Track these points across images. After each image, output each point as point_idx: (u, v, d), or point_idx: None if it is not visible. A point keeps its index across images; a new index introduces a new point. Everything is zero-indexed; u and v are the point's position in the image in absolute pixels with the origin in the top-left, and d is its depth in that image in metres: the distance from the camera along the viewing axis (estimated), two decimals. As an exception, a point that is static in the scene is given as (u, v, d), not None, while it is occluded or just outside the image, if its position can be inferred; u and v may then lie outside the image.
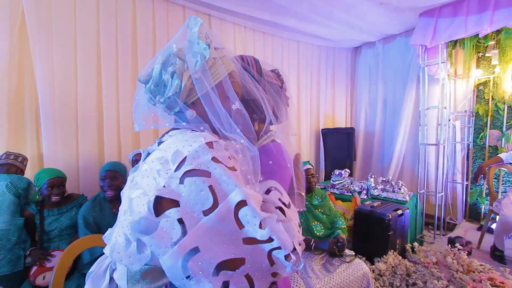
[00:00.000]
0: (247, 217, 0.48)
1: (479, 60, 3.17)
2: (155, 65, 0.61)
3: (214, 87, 0.60)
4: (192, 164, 0.49)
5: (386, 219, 2.15)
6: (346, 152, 3.68)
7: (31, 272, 1.50)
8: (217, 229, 0.47)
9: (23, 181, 1.66)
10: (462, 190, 3.28)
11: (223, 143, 0.55)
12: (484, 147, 3.20)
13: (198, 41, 0.60)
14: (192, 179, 0.48)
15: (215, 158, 0.50)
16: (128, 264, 0.52)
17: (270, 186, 0.64)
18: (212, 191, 0.48)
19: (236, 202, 0.48)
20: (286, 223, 0.54)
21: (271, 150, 0.74)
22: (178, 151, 0.51)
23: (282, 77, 0.86)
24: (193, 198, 0.48)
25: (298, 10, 2.73)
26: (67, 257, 1.23)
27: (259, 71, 0.78)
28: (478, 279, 1.77)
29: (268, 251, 0.49)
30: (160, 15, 2.54)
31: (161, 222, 0.48)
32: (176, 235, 0.47)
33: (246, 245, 0.48)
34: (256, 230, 0.48)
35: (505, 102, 2.99)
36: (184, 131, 0.60)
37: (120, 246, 0.53)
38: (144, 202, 0.50)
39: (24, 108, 2.00)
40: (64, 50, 2.07)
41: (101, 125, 2.29)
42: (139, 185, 0.55)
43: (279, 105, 0.78)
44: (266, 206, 0.56)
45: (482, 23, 2.44)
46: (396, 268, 2.02)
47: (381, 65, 3.78)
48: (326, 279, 1.58)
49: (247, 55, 0.80)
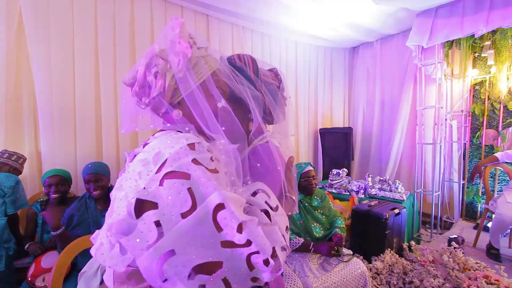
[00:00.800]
0: (226, 220, 0.47)
1: (475, 60, 3.20)
2: (139, 67, 0.61)
3: (198, 86, 0.60)
4: (172, 166, 0.49)
5: (383, 218, 2.17)
6: (344, 151, 3.70)
7: (29, 273, 1.50)
8: (194, 232, 0.46)
9: (11, 179, 1.63)
10: (458, 189, 3.31)
11: (205, 144, 0.54)
12: (480, 147, 3.23)
13: (179, 40, 0.60)
14: (171, 181, 0.48)
15: (195, 160, 0.50)
16: (111, 265, 0.52)
17: (257, 188, 0.63)
18: (190, 194, 0.47)
19: (215, 205, 0.47)
20: (270, 227, 0.53)
21: (259, 152, 0.73)
22: (159, 152, 0.51)
23: (280, 77, 0.84)
24: (171, 201, 0.47)
25: (296, 10, 2.74)
26: (66, 257, 1.24)
27: (255, 70, 0.77)
28: (473, 277, 1.78)
29: (246, 255, 0.48)
30: (158, 15, 2.54)
31: (139, 224, 0.47)
32: (152, 238, 0.46)
33: (224, 249, 0.47)
34: (234, 233, 0.47)
35: (501, 102, 3.02)
36: (168, 132, 0.59)
37: (104, 248, 0.54)
38: (124, 204, 0.50)
39: (22, 107, 2.00)
40: (61, 50, 2.07)
41: (99, 125, 2.29)
42: (122, 187, 0.55)
43: (276, 105, 0.77)
44: (251, 209, 0.55)
45: (477, 23, 2.46)
46: (393, 267, 2.04)
47: (378, 65, 3.80)
48: (323, 278, 1.59)
49: (244, 54, 0.80)
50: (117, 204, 0.52)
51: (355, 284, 1.63)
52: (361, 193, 2.88)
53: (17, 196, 1.64)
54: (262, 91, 0.74)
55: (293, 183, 0.76)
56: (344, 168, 3.12)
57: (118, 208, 0.52)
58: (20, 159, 1.80)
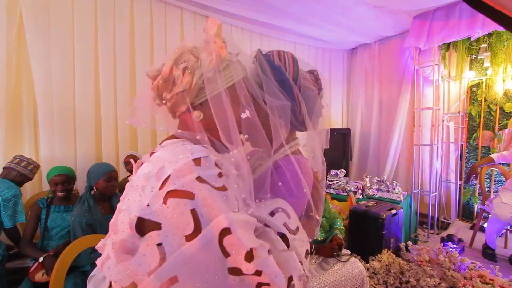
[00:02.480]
0: (233, 246, 0.43)
1: (472, 62, 3.23)
2: (167, 61, 0.57)
3: (226, 90, 0.56)
4: (175, 184, 0.46)
5: (380, 218, 2.19)
6: (342, 152, 3.72)
7: (31, 270, 1.51)
8: (199, 258, 0.42)
9: (11, 191, 1.60)
10: (455, 189, 3.34)
11: (213, 159, 0.50)
12: (477, 148, 3.26)
13: (215, 39, 0.57)
14: (174, 201, 0.45)
15: (199, 177, 0.46)
16: (117, 281, 0.49)
17: (276, 207, 0.57)
18: (193, 215, 0.44)
19: (220, 229, 0.43)
20: (286, 254, 0.49)
21: (282, 170, 0.64)
22: (163, 167, 0.48)
23: (320, 82, 0.74)
24: (174, 221, 0.44)
25: (295, 12, 2.76)
26: (67, 256, 1.25)
27: (295, 72, 0.68)
28: (469, 276, 1.81)
29: (256, 284, 0.43)
30: (158, 16, 2.55)
31: (141, 246, 0.45)
32: (154, 262, 0.43)
33: (232, 276, 0.43)
34: (241, 261, 0.43)
35: (497, 104, 3.05)
36: (176, 142, 0.56)
37: (110, 261, 0.51)
38: (127, 220, 0.47)
39: (22, 109, 2.01)
40: (62, 51, 2.08)
41: (98, 126, 2.30)
42: (126, 200, 0.53)
43: (311, 114, 0.69)
44: (265, 231, 0.50)
45: (474, 26, 2.50)
46: (390, 267, 2.06)
47: (376, 66, 3.83)
48: (321, 278, 1.60)
49: (286, 52, 0.70)
50: (121, 218, 0.50)
51: (353, 284, 1.65)
52: (359, 193, 2.91)
53: (14, 210, 1.60)
54: (299, 98, 0.66)
55: (318, 202, 0.69)
56: (342, 169, 3.14)
57: (122, 224, 0.49)
58: (31, 165, 1.77)
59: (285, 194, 0.61)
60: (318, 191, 0.70)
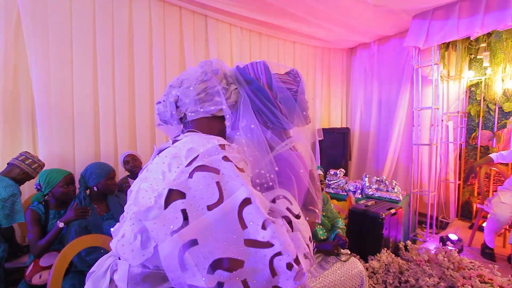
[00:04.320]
0: (251, 216, 0.48)
1: (471, 62, 3.23)
2: (213, 77, 0.72)
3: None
4: (203, 161, 0.52)
5: (379, 218, 2.19)
6: (341, 152, 3.73)
7: (27, 272, 1.50)
8: (219, 225, 0.47)
9: (8, 190, 1.57)
10: (454, 189, 3.34)
11: (235, 146, 0.59)
12: (476, 147, 3.26)
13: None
14: (201, 174, 0.50)
15: (226, 157, 0.53)
16: (130, 258, 0.53)
17: (277, 195, 0.62)
18: (218, 187, 0.49)
19: (241, 200, 0.48)
20: (292, 234, 0.52)
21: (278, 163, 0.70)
22: (192, 148, 0.55)
23: (299, 79, 0.81)
24: (199, 192, 0.49)
25: (294, 12, 2.75)
26: (65, 256, 1.25)
27: (268, 79, 0.76)
28: (467, 276, 1.81)
29: (269, 258, 0.47)
30: (157, 16, 2.54)
31: (166, 211, 0.49)
32: (177, 224, 0.47)
33: (247, 247, 0.46)
34: (258, 230, 0.47)
35: (496, 103, 3.05)
36: (199, 133, 0.64)
37: (125, 239, 0.55)
38: (151, 195, 0.51)
39: (19, 107, 2.00)
40: (60, 50, 2.07)
41: (97, 125, 2.29)
42: (148, 178, 0.56)
43: (292, 111, 0.76)
44: (273, 215, 0.53)
45: (473, 26, 2.49)
46: (389, 266, 2.06)
47: (376, 66, 3.83)
48: (321, 277, 1.60)
49: (258, 62, 0.78)
50: (142, 194, 0.53)
51: (352, 283, 1.65)
52: (358, 193, 2.91)
53: (11, 209, 1.57)
54: (276, 101, 0.74)
55: (315, 196, 0.75)
56: (342, 168, 3.14)
57: (143, 199, 0.52)
58: (35, 164, 1.75)
59: (285, 185, 0.66)
60: (314, 184, 0.75)
